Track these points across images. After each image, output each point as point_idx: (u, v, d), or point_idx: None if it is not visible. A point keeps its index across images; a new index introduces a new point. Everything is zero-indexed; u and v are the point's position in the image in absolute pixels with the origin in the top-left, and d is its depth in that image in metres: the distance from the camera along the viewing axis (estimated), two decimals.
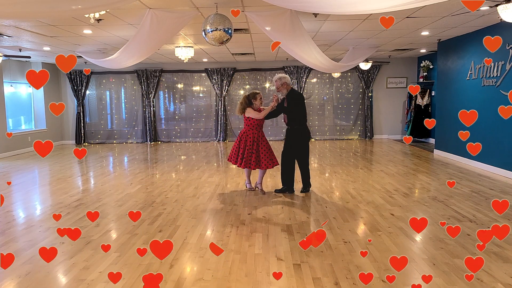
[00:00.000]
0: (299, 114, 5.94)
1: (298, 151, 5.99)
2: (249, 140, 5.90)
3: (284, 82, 5.89)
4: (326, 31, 7.77)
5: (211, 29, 5.23)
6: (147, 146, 12.90)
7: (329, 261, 3.60)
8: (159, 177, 7.68)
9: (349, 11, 4.56)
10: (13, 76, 11.53)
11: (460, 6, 5.89)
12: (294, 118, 5.93)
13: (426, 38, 8.91)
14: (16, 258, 3.80)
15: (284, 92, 5.95)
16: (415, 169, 7.97)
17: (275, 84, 6.00)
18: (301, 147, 5.99)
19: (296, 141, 5.95)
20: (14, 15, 4.44)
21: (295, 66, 13.15)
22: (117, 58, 7.21)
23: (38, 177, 8.15)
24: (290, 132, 6.02)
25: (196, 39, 8.45)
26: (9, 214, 5.33)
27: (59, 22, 6.62)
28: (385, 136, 13.62)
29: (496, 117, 7.51)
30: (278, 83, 5.92)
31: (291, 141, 5.99)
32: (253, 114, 5.86)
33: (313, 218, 4.88)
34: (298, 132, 5.95)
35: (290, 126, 6.00)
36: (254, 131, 5.93)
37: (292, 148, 6.00)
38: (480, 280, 3.20)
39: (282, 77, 5.91)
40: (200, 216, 5.06)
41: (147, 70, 13.34)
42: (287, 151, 6.04)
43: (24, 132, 11.77)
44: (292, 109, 5.91)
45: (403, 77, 13.28)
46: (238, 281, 3.24)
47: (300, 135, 5.96)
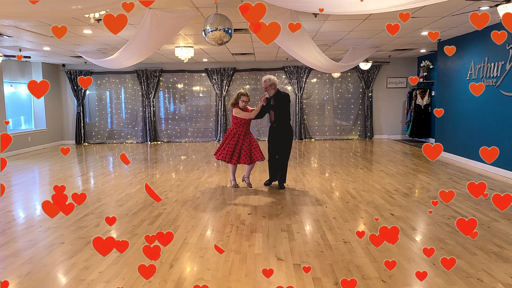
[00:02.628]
0: (285, 113, 6.30)
1: (281, 148, 6.32)
2: (240, 137, 6.23)
3: (273, 83, 6.18)
4: (326, 31, 7.77)
5: (211, 29, 5.22)
6: (147, 146, 12.90)
7: (329, 261, 3.60)
8: (159, 177, 7.68)
9: (349, 11, 4.57)
10: (13, 76, 11.53)
11: (460, 6, 5.89)
12: (280, 117, 6.27)
13: (426, 38, 8.91)
14: (16, 258, 3.80)
15: (272, 92, 6.22)
16: (415, 169, 7.97)
17: (263, 84, 6.27)
18: (284, 144, 6.30)
19: (281, 138, 6.27)
20: (14, 15, 4.45)
21: (295, 66, 13.15)
22: (117, 58, 7.21)
23: (38, 177, 8.14)
24: (275, 130, 6.32)
25: (196, 39, 8.45)
26: (9, 214, 5.33)
27: (59, 22, 6.61)
28: (385, 136, 13.62)
29: (496, 117, 7.51)
30: (267, 83, 6.21)
31: (276, 138, 6.31)
32: (243, 114, 6.18)
33: (313, 218, 4.88)
34: (283, 130, 6.28)
35: (276, 124, 6.31)
36: (243, 129, 6.27)
37: (276, 145, 6.36)
38: (480, 280, 3.20)
39: (271, 78, 6.20)
40: (200, 216, 5.06)
41: (147, 70, 13.34)
42: (272, 147, 6.42)
43: (24, 132, 11.77)
44: (279, 108, 6.22)
45: (403, 77, 13.28)
46: (238, 281, 3.24)
47: (285, 133, 6.29)
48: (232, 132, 6.31)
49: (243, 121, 6.25)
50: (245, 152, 6.20)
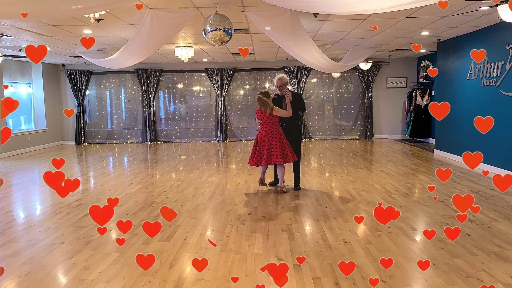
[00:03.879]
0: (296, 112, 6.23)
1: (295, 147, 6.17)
2: (276, 136, 5.92)
3: (286, 82, 6.23)
4: (326, 31, 7.77)
5: (211, 29, 5.23)
6: (147, 146, 12.90)
7: (329, 261, 3.60)
8: (159, 177, 7.68)
9: (349, 11, 4.56)
10: (13, 76, 11.54)
11: (460, 6, 5.89)
12: (295, 115, 6.18)
13: (426, 38, 8.91)
14: (16, 258, 3.81)
15: (285, 91, 6.16)
16: (415, 169, 7.97)
17: (277, 82, 6.18)
18: (295, 144, 6.20)
19: (291, 138, 6.14)
20: (14, 15, 4.44)
21: (295, 66, 13.15)
22: (117, 58, 7.21)
23: (38, 177, 8.14)
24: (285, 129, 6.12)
25: (196, 39, 8.45)
26: (9, 214, 5.33)
27: (59, 22, 6.62)
28: (385, 136, 13.62)
29: (496, 117, 7.48)
30: (282, 82, 6.16)
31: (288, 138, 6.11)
32: (282, 112, 5.90)
33: (313, 218, 4.88)
34: (292, 129, 6.21)
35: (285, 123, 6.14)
36: (278, 126, 5.99)
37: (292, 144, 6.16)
38: (480, 280, 3.20)
39: (285, 77, 6.22)
40: (200, 216, 5.06)
41: (147, 70, 13.34)
42: None
43: (24, 132, 11.77)
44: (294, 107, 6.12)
45: (403, 77, 13.28)
46: (238, 281, 3.24)
47: (295, 132, 6.26)
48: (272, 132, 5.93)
49: (277, 119, 5.96)
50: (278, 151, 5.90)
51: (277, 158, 5.87)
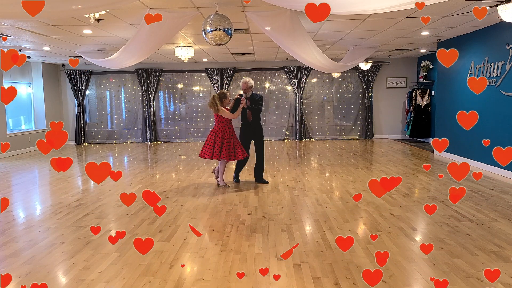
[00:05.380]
0: (259, 113, 6.82)
1: (258, 145, 6.85)
2: (226, 135, 6.44)
3: (251, 85, 6.72)
4: (326, 31, 7.77)
5: (211, 29, 5.23)
6: (147, 146, 12.90)
7: (329, 261, 3.60)
8: (159, 177, 7.68)
9: (349, 11, 4.56)
10: (13, 76, 11.54)
11: (460, 6, 5.89)
12: (257, 116, 6.78)
13: (426, 38, 8.91)
14: (16, 258, 3.81)
15: (249, 93, 6.68)
16: (415, 169, 7.97)
17: (243, 85, 6.69)
18: (260, 141, 6.89)
19: (256, 136, 6.80)
20: (14, 15, 4.44)
21: (295, 66, 13.15)
22: (117, 58, 7.21)
23: (38, 177, 8.14)
24: (251, 128, 6.77)
25: (196, 39, 8.45)
26: (9, 214, 5.33)
27: (59, 22, 6.62)
28: (385, 136, 13.62)
29: (496, 117, 7.52)
30: (248, 85, 6.63)
31: (251, 136, 6.80)
32: (227, 114, 6.44)
33: (313, 218, 4.88)
34: (257, 128, 6.79)
35: (251, 123, 6.75)
36: (228, 126, 6.52)
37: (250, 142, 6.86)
38: (480, 280, 3.20)
39: (250, 81, 6.69)
40: (200, 216, 5.06)
41: (147, 70, 13.34)
42: (248, 144, 6.85)
43: (24, 132, 11.77)
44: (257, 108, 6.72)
45: (403, 77, 13.29)
46: (238, 281, 3.24)
47: (259, 131, 6.83)
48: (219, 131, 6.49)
49: (228, 120, 6.54)
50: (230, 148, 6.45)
51: (204, 154, 6.44)
